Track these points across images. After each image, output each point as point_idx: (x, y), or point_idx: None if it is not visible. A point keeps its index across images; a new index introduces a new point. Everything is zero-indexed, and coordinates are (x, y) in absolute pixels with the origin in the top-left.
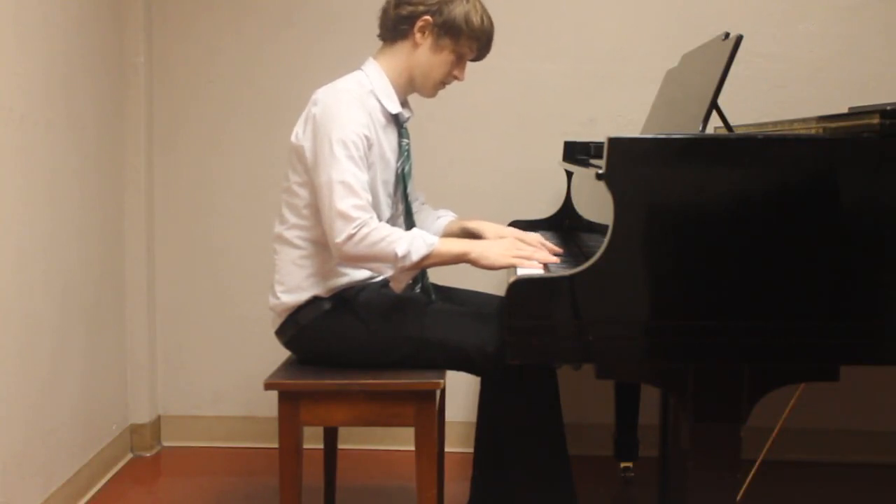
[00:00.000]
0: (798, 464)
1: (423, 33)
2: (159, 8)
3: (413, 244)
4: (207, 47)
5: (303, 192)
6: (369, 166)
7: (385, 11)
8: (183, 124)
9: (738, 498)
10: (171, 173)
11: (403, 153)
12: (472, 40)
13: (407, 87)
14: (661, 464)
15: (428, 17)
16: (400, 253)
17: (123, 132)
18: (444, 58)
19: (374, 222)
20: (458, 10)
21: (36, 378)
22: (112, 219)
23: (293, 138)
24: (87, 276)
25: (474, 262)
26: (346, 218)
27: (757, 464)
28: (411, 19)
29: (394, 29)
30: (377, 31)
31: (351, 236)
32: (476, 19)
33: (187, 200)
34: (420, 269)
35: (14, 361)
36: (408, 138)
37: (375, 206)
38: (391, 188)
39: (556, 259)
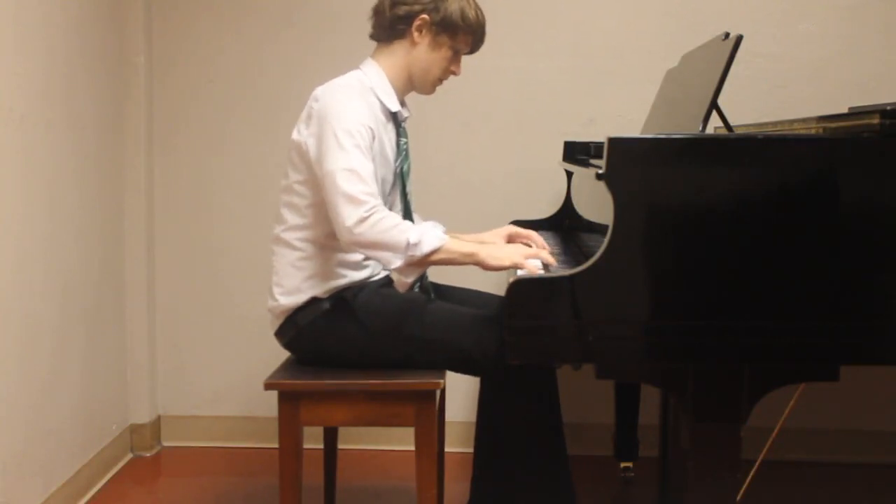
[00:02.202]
0: (798, 464)
1: (421, 32)
2: (159, 8)
3: (425, 235)
4: (207, 47)
5: (304, 191)
6: (371, 159)
7: (380, 13)
8: (183, 124)
9: (738, 498)
10: (171, 173)
11: (402, 152)
12: (468, 35)
13: (406, 86)
14: (661, 464)
15: (425, 16)
16: (412, 241)
17: (123, 132)
18: (443, 54)
19: (385, 210)
20: (453, 7)
21: (36, 378)
22: (112, 219)
23: (295, 135)
24: (87, 277)
25: (482, 263)
26: (356, 202)
27: (757, 464)
28: (408, 19)
29: (390, 29)
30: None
31: (363, 219)
32: (471, 14)
33: (187, 200)
34: (427, 266)
35: (14, 361)
36: (406, 138)
37: None
38: (388, 187)
39: (553, 261)
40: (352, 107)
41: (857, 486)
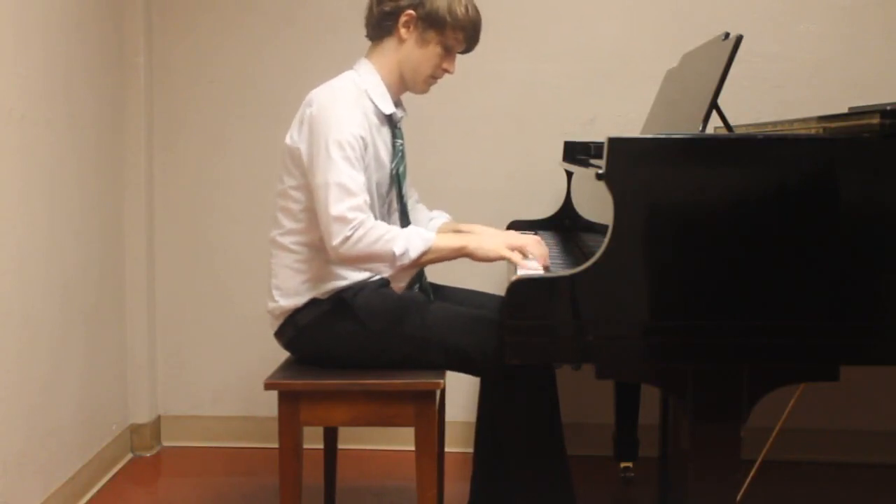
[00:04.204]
0: (798, 464)
1: (408, 28)
2: (159, 8)
3: (410, 242)
4: (207, 47)
5: (299, 196)
6: (364, 168)
7: (369, 10)
8: (183, 124)
9: (738, 498)
10: (171, 173)
11: (398, 154)
12: (458, 31)
13: (399, 86)
14: (661, 464)
15: (411, 12)
16: (398, 252)
17: (123, 132)
18: (432, 51)
19: (371, 222)
20: (440, 2)
21: (36, 378)
22: (112, 219)
23: (288, 140)
24: (87, 276)
25: (471, 255)
26: (342, 221)
27: (757, 464)
28: (395, 15)
29: (378, 26)
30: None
31: (347, 238)
32: (460, 9)
33: (187, 200)
34: (419, 268)
35: (14, 361)
36: (402, 139)
37: (370, 207)
38: (384, 189)
39: (545, 261)
40: (344, 116)
41: (857, 486)
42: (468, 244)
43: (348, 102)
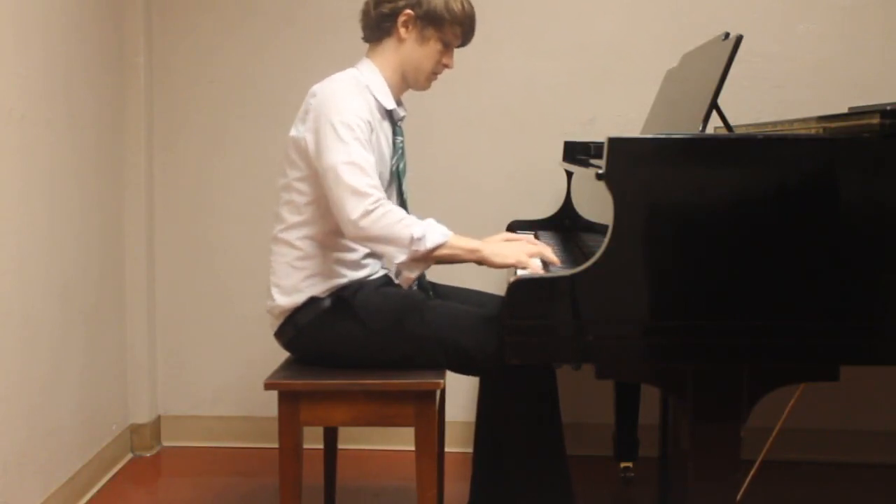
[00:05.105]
0: (798, 464)
1: (407, 27)
2: (159, 8)
3: (429, 230)
4: (207, 47)
5: (304, 188)
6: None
7: (366, 13)
8: (183, 124)
9: (738, 498)
10: (171, 173)
11: (398, 151)
12: (456, 26)
13: (401, 84)
14: (661, 464)
15: (409, 11)
16: (416, 235)
17: (123, 132)
18: (431, 48)
19: (390, 203)
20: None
21: (36, 378)
22: (112, 219)
23: (293, 132)
24: (87, 277)
25: (485, 260)
26: (360, 194)
27: (757, 464)
28: (393, 16)
29: (377, 28)
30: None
31: (368, 212)
32: (456, 5)
33: (187, 200)
34: (431, 262)
35: (14, 361)
36: (402, 136)
37: None
38: (384, 184)
39: (557, 261)
40: (349, 101)
41: (857, 486)
42: (483, 248)
43: (352, 91)
